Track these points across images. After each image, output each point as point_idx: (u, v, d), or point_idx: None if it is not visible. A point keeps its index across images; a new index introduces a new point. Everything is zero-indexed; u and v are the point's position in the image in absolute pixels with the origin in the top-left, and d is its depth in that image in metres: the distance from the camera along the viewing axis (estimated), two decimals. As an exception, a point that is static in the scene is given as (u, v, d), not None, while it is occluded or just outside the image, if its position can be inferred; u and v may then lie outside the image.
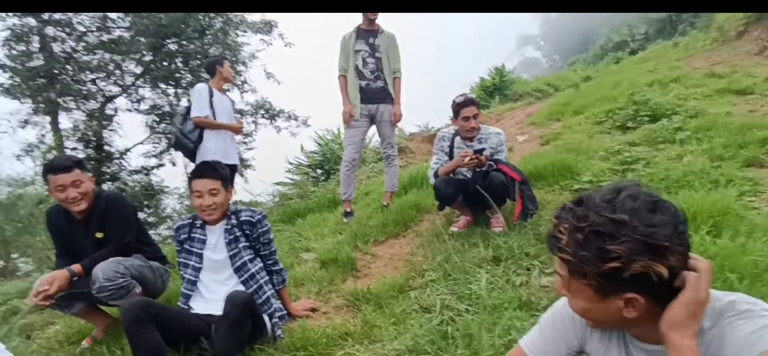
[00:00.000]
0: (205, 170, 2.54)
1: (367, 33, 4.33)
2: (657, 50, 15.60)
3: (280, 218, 5.24)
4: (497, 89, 12.05)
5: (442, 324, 2.47)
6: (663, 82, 7.40)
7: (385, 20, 4.07)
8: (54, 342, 2.88)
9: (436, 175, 3.63)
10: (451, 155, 3.66)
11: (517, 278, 2.77)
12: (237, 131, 4.72)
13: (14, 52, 10.02)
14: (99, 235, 2.79)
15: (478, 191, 3.35)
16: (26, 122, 10.79)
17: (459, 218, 3.83)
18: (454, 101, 3.62)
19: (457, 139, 3.66)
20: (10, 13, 10.12)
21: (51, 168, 2.68)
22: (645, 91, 5.94)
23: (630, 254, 0.91)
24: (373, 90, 4.32)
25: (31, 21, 10.00)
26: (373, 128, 4.53)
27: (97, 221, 2.79)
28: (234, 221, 2.60)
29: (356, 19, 4.41)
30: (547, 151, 4.99)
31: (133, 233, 2.88)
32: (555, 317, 1.27)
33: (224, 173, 2.57)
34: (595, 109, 6.42)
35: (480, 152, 3.42)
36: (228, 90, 4.95)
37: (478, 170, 3.45)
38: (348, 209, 4.56)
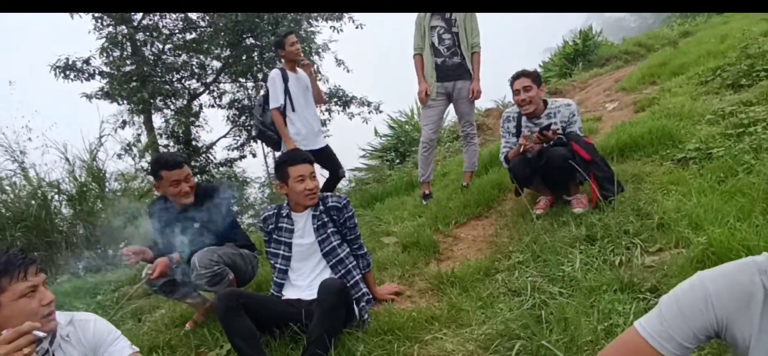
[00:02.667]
0: (300, 156, 2.61)
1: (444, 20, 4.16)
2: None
3: (359, 203, 5.27)
4: (580, 54, 11.22)
5: (534, 307, 2.34)
6: (782, 30, 6.43)
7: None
8: (160, 325, 3.11)
9: (506, 160, 3.44)
10: (519, 135, 3.43)
11: (616, 258, 2.55)
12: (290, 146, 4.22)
13: (111, 58, 11.01)
14: (197, 225, 2.97)
15: (560, 161, 3.10)
16: (124, 122, 11.87)
17: (540, 199, 3.60)
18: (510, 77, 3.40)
19: (524, 117, 3.41)
20: (105, 23, 11.13)
21: (165, 164, 2.86)
22: (761, 42, 5.17)
23: None
24: (450, 67, 4.16)
25: (123, 29, 10.92)
26: (450, 107, 4.38)
27: (195, 213, 2.96)
28: (321, 208, 2.63)
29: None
30: (643, 118, 4.54)
31: (227, 224, 3.03)
32: (680, 301, 1.12)
33: (312, 159, 2.65)
34: (698, 67, 5.73)
35: (547, 128, 3.16)
36: (318, 71, 4.72)
37: (544, 146, 3.19)
38: (427, 192, 4.47)
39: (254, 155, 13.34)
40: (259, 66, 12.23)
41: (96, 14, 11.20)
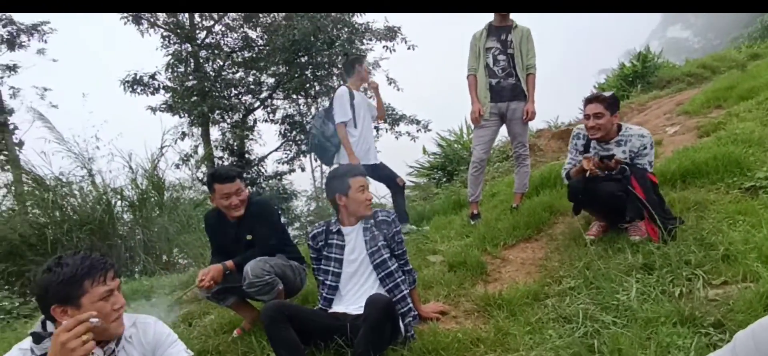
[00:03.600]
0: (358, 169, 2.75)
1: (499, 29, 4.15)
2: None
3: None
4: (639, 76, 10.75)
5: (586, 336, 2.26)
6: None
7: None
8: (210, 330, 3.21)
9: (567, 177, 3.34)
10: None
11: (676, 289, 2.42)
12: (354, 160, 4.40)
13: (175, 73, 11.75)
14: (249, 237, 3.06)
15: (607, 197, 3.01)
16: (184, 134, 12.56)
17: (593, 225, 3.47)
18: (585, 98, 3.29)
19: (594, 140, 3.32)
20: (172, 41, 11.90)
21: (218, 178, 2.97)
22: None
23: None
24: (504, 87, 4.13)
25: (187, 46, 11.65)
26: (502, 128, 4.34)
27: (247, 224, 3.06)
28: (372, 221, 2.69)
29: (486, 17, 4.27)
30: (707, 143, 4.29)
31: (277, 236, 3.12)
32: (758, 338, 1.04)
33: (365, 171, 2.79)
34: (768, 92, 5.40)
35: (609, 157, 3.05)
36: (366, 90, 4.94)
37: (606, 173, 3.08)
38: (475, 211, 4.42)
39: (303, 169, 13.74)
40: (312, 83, 12.63)
41: (164, 33, 12.01)
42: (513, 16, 4.18)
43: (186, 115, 11.93)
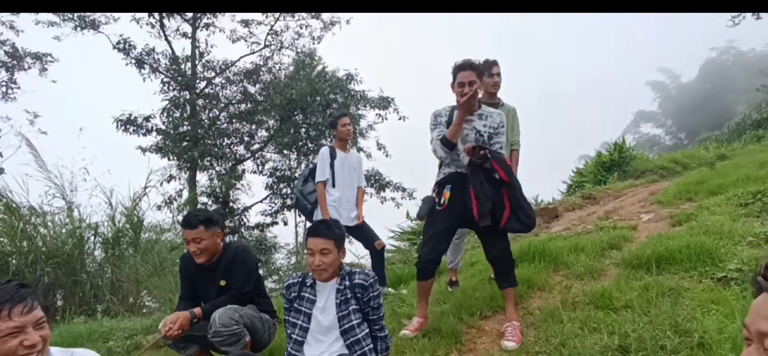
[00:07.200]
0: (320, 228, 2.59)
1: (487, 106, 4.31)
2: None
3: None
4: (616, 164, 11.23)
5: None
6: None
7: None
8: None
9: (443, 141, 3.26)
10: None
11: (650, 374, 2.42)
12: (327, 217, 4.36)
13: (170, 118, 11.92)
14: (222, 283, 3.01)
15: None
16: (171, 177, 12.52)
17: (412, 319, 3.54)
18: (454, 64, 3.35)
19: (455, 113, 3.30)
20: (172, 87, 12.16)
21: (183, 222, 3.01)
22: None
23: None
24: None
25: (186, 94, 11.93)
26: None
27: (222, 270, 3.02)
28: (347, 283, 2.59)
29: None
30: (680, 232, 4.43)
31: (251, 285, 3.05)
32: None
33: (338, 233, 2.59)
34: (737, 189, 5.64)
35: (480, 149, 3.17)
36: (356, 147, 5.03)
37: (477, 160, 3.16)
38: (453, 279, 4.42)
39: (286, 223, 13.75)
40: (304, 140, 12.91)
41: (164, 79, 12.31)
42: (500, 94, 4.35)
43: (175, 158, 11.96)
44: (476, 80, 3.26)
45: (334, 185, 4.48)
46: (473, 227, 3.40)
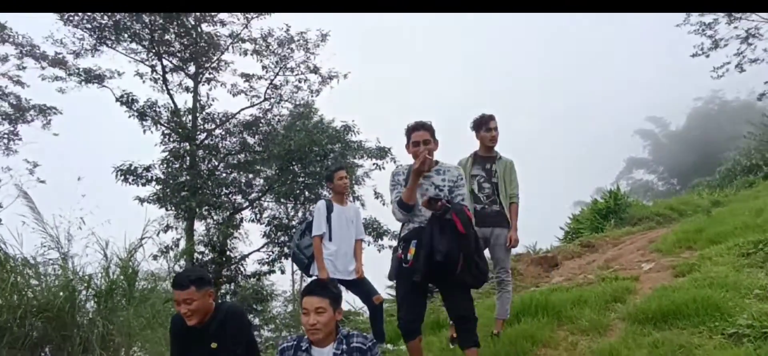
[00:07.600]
0: (315, 287, 2.57)
1: (484, 159, 4.38)
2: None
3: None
4: (612, 211, 11.26)
5: None
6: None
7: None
8: None
9: (399, 203, 3.28)
10: None
11: None
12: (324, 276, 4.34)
13: (170, 169, 11.99)
14: (213, 345, 2.91)
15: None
16: (168, 227, 12.43)
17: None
18: (407, 125, 3.39)
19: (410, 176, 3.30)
20: (172, 139, 12.29)
21: (173, 282, 2.90)
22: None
23: None
24: (489, 214, 4.28)
25: (186, 145, 12.04)
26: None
27: (214, 332, 2.92)
28: (344, 347, 2.52)
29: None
30: (684, 284, 4.41)
31: (243, 349, 2.96)
32: None
33: (335, 292, 2.56)
34: (737, 238, 5.65)
35: (437, 199, 3.14)
36: (355, 199, 4.99)
37: (436, 212, 3.12)
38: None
39: (283, 272, 13.65)
40: (301, 190, 12.97)
41: (165, 130, 12.47)
42: (497, 148, 4.42)
43: (173, 208, 11.93)
44: (431, 139, 3.33)
45: (330, 239, 4.47)
46: (437, 283, 3.36)
